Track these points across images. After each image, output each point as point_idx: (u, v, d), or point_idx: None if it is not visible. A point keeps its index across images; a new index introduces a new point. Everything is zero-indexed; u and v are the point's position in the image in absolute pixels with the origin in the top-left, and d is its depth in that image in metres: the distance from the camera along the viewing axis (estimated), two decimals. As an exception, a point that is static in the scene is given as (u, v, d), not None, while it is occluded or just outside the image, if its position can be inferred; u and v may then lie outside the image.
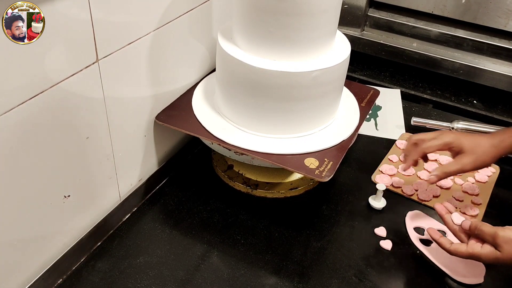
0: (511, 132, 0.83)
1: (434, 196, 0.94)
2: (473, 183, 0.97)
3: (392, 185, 0.96)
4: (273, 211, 0.90)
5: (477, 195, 0.94)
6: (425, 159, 0.87)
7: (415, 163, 0.86)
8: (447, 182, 0.96)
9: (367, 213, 0.90)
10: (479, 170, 1.00)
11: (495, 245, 0.69)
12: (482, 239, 0.72)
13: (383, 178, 0.97)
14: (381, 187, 0.89)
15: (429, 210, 0.91)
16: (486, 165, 0.82)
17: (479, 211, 0.91)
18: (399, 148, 1.06)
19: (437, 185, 0.96)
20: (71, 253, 0.77)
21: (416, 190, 0.95)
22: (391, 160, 1.02)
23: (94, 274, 0.77)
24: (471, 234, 0.73)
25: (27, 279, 0.71)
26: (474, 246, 0.71)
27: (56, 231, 0.74)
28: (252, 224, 0.87)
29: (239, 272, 0.78)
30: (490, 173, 1.00)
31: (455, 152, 0.82)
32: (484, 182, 0.98)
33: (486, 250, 0.70)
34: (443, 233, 0.87)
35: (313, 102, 0.82)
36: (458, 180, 0.97)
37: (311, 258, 0.81)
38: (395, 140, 1.08)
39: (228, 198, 0.92)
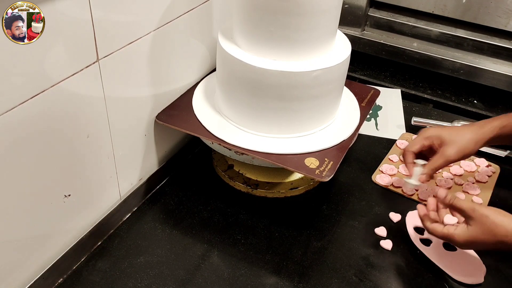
0: (494, 119, 0.84)
1: (434, 196, 0.93)
2: (473, 183, 0.97)
3: (392, 185, 0.96)
4: (274, 211, 0.90)
5: (477, 195, 0.94)
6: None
7: (411, 165, 0.86)
8: (447, 182, 0.96)
9: (367, 213, 0.90)
10: (478, 170, 1.00)
11: (468, 219, 0.71)
12: (459, 214, 0.74)
13: (383, 178, 0.97)
14: (420, 161, 0.85)
15: (429, 210, 0.91)
16: (471, 152, 0.82)
17: (480, 211, 0.91)
18: (400, 148, 1.06)
19: (437, 185, 0.96)
20: (71, 253, 0.77)
21: (416, 190, 0.95)
22: (392, 160, 1.02)
23: (95, 274, 0.77)
24: (447, 206, 0.75)
25: (27, 279, 0.71)
26: (449, 227, 0.73)
27: (57, 230, 0.74)
28: (253, 224, 0.87)
29: (239, 271, 0.78)
30: (490, 173, 1.00)
31: (438, 145, 0.83)
32: (484, 182, 0.98)
33: (459, 229, 0.72)
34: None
35: (313, 102, 0.82)
36: (458, 180, 0.97)
37: (311, 258, 0.81)
38: (396, 140, 1.09)
39: (228, 198, 0.92)
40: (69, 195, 0.74)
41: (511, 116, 0.84)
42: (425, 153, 0.87)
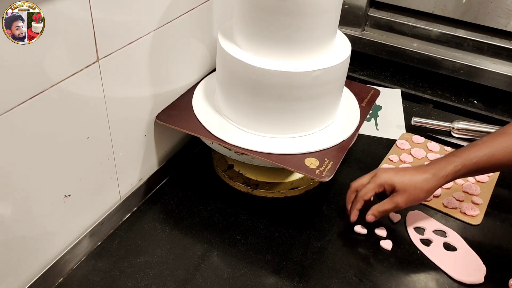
0: (450, 158, 0.80)
1: (434, 196, 0.93)
2: (473, 183, 0.97)
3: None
4: (274, 211, 0.90)
5: (477, 195, 0.94)
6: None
7: (357, 212, 0.84)
8: (447, 182, 0.96)
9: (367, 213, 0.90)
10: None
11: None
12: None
13: (383, 178, 0.96)
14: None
15: (429, 210, 0.91)
16: (421, 199, 0.81)
17: (480, 211, 0.91)
18: (400, 148, 1.06)
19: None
20: (71, 253, 0.77)
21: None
22: (391, 160, 1.02)
23: (95, 274, 0.77)
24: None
25: (27, 278, 0.71)
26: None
27: (57, 230, 0.75)
28: (253, 224, 0.87)
29: (239, 271, 0.78)
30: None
31: (390, 192, 0.82)
32: (484, 182, 0.97)
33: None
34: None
35: (313, 102, 0.82)
36: (458, 180, 0.97)
37: (311, 258, 0.81)
38: (396, 140, 1.08)
39: (228, 198, 0.92)
40: (69, 195, 0.74)
41: (472, 150, 0.80)
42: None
